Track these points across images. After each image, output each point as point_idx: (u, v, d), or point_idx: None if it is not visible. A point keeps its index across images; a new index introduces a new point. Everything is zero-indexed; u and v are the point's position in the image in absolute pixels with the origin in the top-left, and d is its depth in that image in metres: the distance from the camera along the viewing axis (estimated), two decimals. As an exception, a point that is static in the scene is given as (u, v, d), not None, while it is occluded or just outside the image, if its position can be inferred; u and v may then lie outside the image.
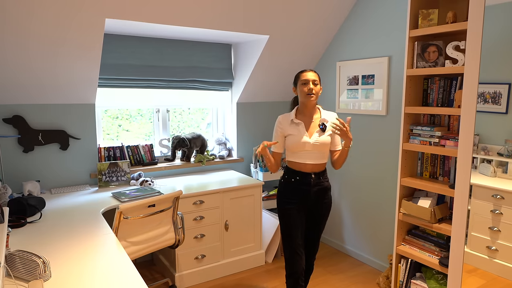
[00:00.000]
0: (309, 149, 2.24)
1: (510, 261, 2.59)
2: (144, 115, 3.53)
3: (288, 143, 2.29)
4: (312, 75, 2.26)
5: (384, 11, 3.01)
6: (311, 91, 2.22)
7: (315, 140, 2.25)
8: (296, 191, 2.29)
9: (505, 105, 2.56)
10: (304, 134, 2.25)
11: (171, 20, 2.67)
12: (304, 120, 2.30)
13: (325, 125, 2.27)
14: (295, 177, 2.28)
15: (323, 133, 2.26)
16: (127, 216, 2.21)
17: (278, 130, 2.34)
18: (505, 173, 2.62)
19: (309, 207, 2.34)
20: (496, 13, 2.49)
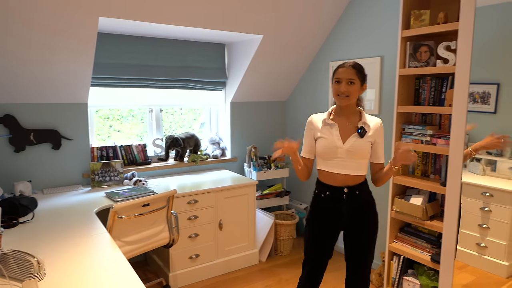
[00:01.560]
0: (342, 156, 1.88)
1: (498, 257, 2.64)
2: (136, 116, 3.52)
3: (318, 147, 1.94)
4: (348, 72, 1.86)
5: (376, 11, 3.04)
6: (342, 94, 1.86)
7: (350, 145, 1.88)
8: (327, 210, 1.94)
9: (493, 104, 2.61)
10: (337, 137, 1.90)
11: (165, 19, 2.67)
12: (339, 121, 1.93)
13: (364, 130, 1.89)
14: (325, 192, 1.94)
15: (361, 139, 1.89)
16: (122, 215, 2.20)
17: (308, 131, 2.01)
18: (494, 171, 2.67)
19: (344, 228, 1.97)
20: (485, 14, 2.53)
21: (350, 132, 1.90)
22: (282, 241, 3.43)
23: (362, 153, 1.89)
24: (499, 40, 2.52)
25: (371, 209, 1.96)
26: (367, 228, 1.95)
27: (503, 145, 2.29)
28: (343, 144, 1.89)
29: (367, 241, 1.95)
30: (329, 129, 1.93)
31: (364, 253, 1.96)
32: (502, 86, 2.56)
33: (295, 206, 3.92)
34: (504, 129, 2.55)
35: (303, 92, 3.85)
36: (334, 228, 1.97)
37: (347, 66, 1.87)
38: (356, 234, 1.95)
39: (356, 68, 1.87)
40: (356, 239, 1.96)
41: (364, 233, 1.94)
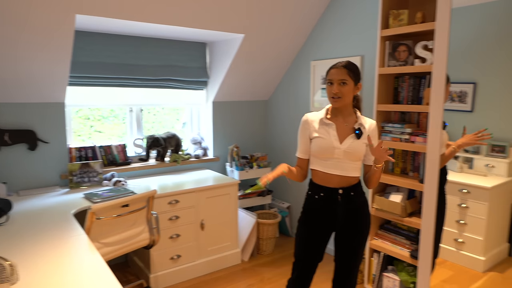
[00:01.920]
0: (339, 157, 1.85)
1: (475, 252, 2.71)
2: (117, 116, 3.46)
3: (314, 147, 1.89)
4: (340, 72, 1.81)
5: (356, 11, 3.07)
6: (335, 95, 1.82)
7: (348, 146, 1.84)
8: (321, 212, 1.92)
9: (470, 103, 2.68)
10: (335, 137, 1.86)
11: (145, 17, 2.63)
12: (336, 121, 1.90)
13: (361, 131, 1.87)
14: (319, 194, 1.91)
15: (358, 140, 1.86)
16: (100, 216, 2.16)
17: (303, 130, 1.95)
18: (471, 168, 2.75)
19: (337, 230, 1.96)
20: (461, 15, 2.60)
21: (347, 133, 1.87)
22: (264, 240, 3.43)
23: (359, 154, 1.86)
24: (475, 41, 2.59)
25: (365, 211, 1.94)
26: (360, 231, 1.93)
27: (481, 139, 2.34)
28: (340, 144, 1.85)
29: (359, 243, 1.94)
30: (326, 129, 1.88)
31: (354, 255, 1.95)
32: (478, 85, 2.64)
33: (277, 205, 3.93)
34: (480, 127, 2.62)
35: (284, 91, 3.86)
36: (327, 230, 1.94)
37: (339, 67, 1.83)
38: (349, 236, 1.93)
39: (348, 68, 1.83)
40: (349, 241, 1.93)
41: (357, 235, 1.92)
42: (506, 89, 2.52)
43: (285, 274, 3.09)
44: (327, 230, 1.94)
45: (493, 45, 2.53)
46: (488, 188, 2.59)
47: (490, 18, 2.52)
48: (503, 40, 2.47)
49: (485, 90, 2.62)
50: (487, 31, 2.55)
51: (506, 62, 2.48)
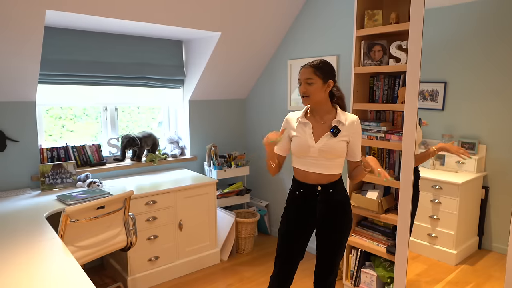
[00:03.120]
0: (314, 155, 1.88)
1: (448, 246, 2.79)
2: (90, 115, 3.36)
3: (292, 145, 1.95)
4: (305, 72, 1.86)
5: (332, 11, 3.11)
6: (303, 94, 1.87)
7: (323, 144, 1.86)
8: (301, 207, 1.95)
9: (441, 102, 2.76)
10: (310, 136, 1.89)
11: (117, 13, 2.56)
12: (313, 120, 1.94)
13: (338, 129, 1.87)
14: (299, 190, 1.95)
15: (334, 138, 1.87)
16: (74, 219, 2.09)
17: (283, 128, 1.99)
18: (443, 165, 2.83)
19: (317, 226, 1.98)
20: (433, 16, 2.67)
21: (324, 131, 1.89)
22: (243, 239, 3.43)
23: (336, 152, 1.87)
24: (447, 41, 2.67)
25: (345, 208, 1.96)
26: (339, 227, 1.95)
27: (463, 155, 2.46)
28: (315, 143, 1.88)
29: (338, 239, 1.96)
30: (303, 128, 1.92)
31: (335, 251, 1.97)
32: (449, 84, 2.71)
33: (256, 204, 3.93)
34: (451, 125, 2.71)
35: (262, 90, 3.86)
36: (307, 226, 1.96)
37: (307, 66, 1.87)
38: (328, 232, 1.95)
39: (315, 67, 1.85)
40: (327, 238, 1.96)
41: (336, 231, 1.95)
42: (474, 88, 2.61)
43: (264, 273, 3.10)
44: (307, 226, 1.97)
45: (462, 46, 2.61)
46: (458, 184, 2.67)
47: (459, 20, 2.60)
48: (472, 41, 2.56)
49: (455, 89, 2.70)
50: (456, 32, 2.63)
51: (474, 62, 2.57)
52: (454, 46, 2.66)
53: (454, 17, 2.62)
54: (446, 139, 2.79)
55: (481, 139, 2.65)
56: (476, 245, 2.88)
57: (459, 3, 2.56)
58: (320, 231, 1.97)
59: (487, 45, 2.46)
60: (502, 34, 1.83)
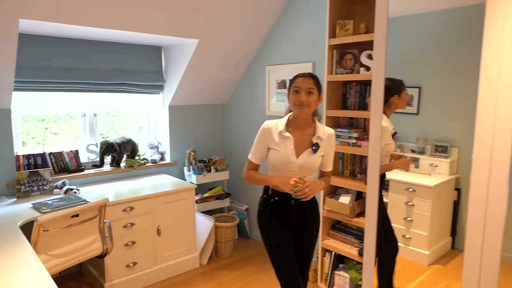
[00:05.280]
0: (294, 170, 1.90)
1: (421, 247, 2.88)
2: (74, 117, 3.35)
3: (271, 157, 1.94)
4: (307, 81, 1.85)
5: (307, 19, 3.17)
6: (302, 103, 1.85)
7: (303, 161, 1.90)
8: (276, 212, 1.98)
9: (416, 106, 2.84)
10: (291, 152, 1.90)
11: (94, 22, 2.58)
12: (294, 134, 1.93)
13: (318, 145, 1.92)
14: (274, 198, 1.97)
15: (314, 154, 1.92)
16: (48, 228, 2.10)
17: (262, 138, 1.96)
18: (417, 168, 2.92)
19: (293, 230, 2.02)
20: (408, 23, 2.75)
21: (304, 147, 1.92)
22: (223, 243, 3.47)
23: (314, 167, 1.94)
24: (421, 47, 2.76)
25: (315, 213, 2.05)
26: (312, 232, 2.03)
27: None
28: (296, 159, 1.90)
29: (311, 244, 2.05)
30: (284, 142, 1.91)
31: (307, 255, 2.06)
32: (423, 89, 2.80)
33: (236, 208, 3.97)
34: (425, 129, 2.79)
35: (242, 95, 3.91)
36: (286, 225, 1.99)
37: (306, 76, 1.87)
38: (303, 237, 2.03)
39: (314, 78, 1.89)
40: (302, 242, 2.03)
41: (310, 237, 2.04)
42: (447, 93, 2.70)
43: (243, 276, 3.15)
44: (286, 224, 1.99)
45: (435, 52, 2.70)
46: (431, 187, 2.76)
47: (431, 27, 2.69)
48: (444, 47, 2.64)
49: (429, 94, 2.79)
50: (430, 38, 2.71)
51: (446, 67, 2.65)
52: (427, 52, 2.74)
53: (429, 24, 2.70)
54: (420, 142, 2.88)
55: (453, 142, 2.74)
56: (449, 245, 2.97)
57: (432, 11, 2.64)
58: (295, 236, 2.03)
59: (456, 51, 2.54)
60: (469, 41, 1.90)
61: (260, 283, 3.05)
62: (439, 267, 2.90)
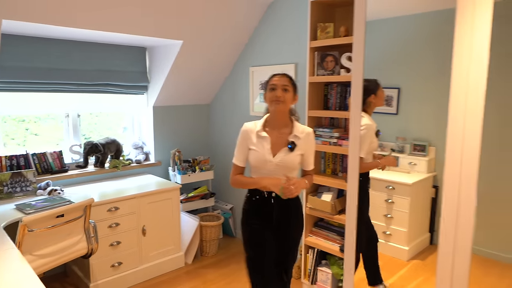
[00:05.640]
0: (271, 169, 1.95)
1: (400, 243, 2.98)
2: (56, 118, 3.34)
3: (250, 158, 2.00)
4: (283, 79, 1.95)
5: (289, 22, 3.24)
6: (278, 98, 1.92)
7: (280, 160, 1.95)
8: (258, 211, 2.04)
9: (395, 106, 2.94)
10: (268, 151, 1.95)
11: (78, 23, 2.59)
12: (271, 134, 1.99)
13: (294, 144, 1.96)
14: (255, 196, 2.03)
15: (291, 153, 1.96)
16: (32, 228, 2.11)
17: (242, 141, 2.03)
18: (397, 166, 3.02)
19: (274, 230, 2.05)
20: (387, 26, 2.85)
21: (281, 146, 1.96)
22: (208, 242, 3.51)
23: (292, 166, 1.96)
24: (399, 49, 2.85)
25: (297, 214, 2.08)
26: (293, 232, 2.07)
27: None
28: (273, 158, 1.95)
29: (293, 244, 2.08)
30: (261, 142, 1.97)
31: (288, 254, 2.09)
32: (402, 90, 2.90)
33: (220, 207, 4.01)
34: (404, 128, 2.89)
35: (226, 95, 3.96)
36: (265, 229, 2.03)
37: (281, 75, 1.97)
38: (284, 237, 2.06)
39: (289, 77, 1.98)
40: (283, 242, 2.06)
41: (291, 236, 2.06)
42: (424, 93, 2.81)
43: (228, 274, 3.19)
44: (266, 229, 2.03)
45: (414, 53, 2.80)
46: (409, 184, 2.86)
47: (410, 29, 2.79)
48: (422, 49, 2.75)
49: (407, 95, 2.89)
50: (408, 40, 2.81)
51: (424, 69, 2.76)
52: (406, 54, 2.84)
53: (407, 27, 2.80)
54: (400, 141, 2.98)
55: (431, 141, 2.85)
56: (428, 241, 3.07)
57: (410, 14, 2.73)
58: (276, 236, 2.06)
59: (433, 53, 2.64)
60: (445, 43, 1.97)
61: (244, 281, 3.10)
62: (418, 262, 3.01)
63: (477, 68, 1.79)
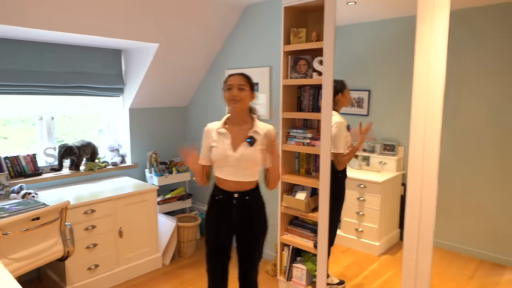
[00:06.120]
0: (233, 164, 1.99)
1: (372, 239, 3.11)
2: (26, 121, 3.29)
3: (213, 155, 2.05)
4: (238, 78, 2.01)
5: (264, 27, 3.32)
6: (234, 97, 1.98)
7: (240, 154, 1.98)
8: (220, 211, 2.08)
9: (366, 108, 3.07)
10: (228, 146, 2.01)
11: (53, 25, 2.58)
12: (231, 130, 2.05)
13: (254, 138, 2.00)
14: (218, 195, 2.08)
15: (251, 147, 1.99)
16: (7, 232, 2.10)
17: (205, 140, 2.13)
18: (368, 166, 3.15)
19: (236, 231, 2.10)
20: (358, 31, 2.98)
21: (241, 141, 2.01)
22: (185, 243, 3.54)
23: (253, 161, 1.99)
24: (369, 53, 2.99)
25: (260, 214, 2.11)
26: (256, 232, 2.09)
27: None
28: (233, 152, 1.99)
29: (255, 244, 2.11)
30: (222, 138, 2.03)
31: (252, 255, 2.12)
32: (372, 92, 3.03)
33: (197, 208, 4.05)
34: (375, 129, 3.02)
35: (202, 97, 4.00)
36: (227, 230, 2.09)
37: (237, 74, 2.04)
38: (246, 237, 2.10)
39: (245, 76, 2.05)
40: (246, 243, 2.11)
41: (253, 237, 2.09)
42: (393, 95, 2.95)
43: (205, 274, 3.22)
44: (227, 229, 2.09)
45: (382, 57, 2.94)
46: (379, 182, 3.00)
47: (379, 34, 2.93)
48: (389, 53, 2.89)
49: (377, 97, 3.03)
50: (377, 45, 2.95)
51: (393, 72, 2.90)
52: (375, 58, 2.98)
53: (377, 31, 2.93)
54: (370, 141, 3.11)
55: (399, 141, 2.99)
56: (397, 236, 3.22)
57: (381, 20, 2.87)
58: (239, 236, 2.11)
59: (400, 57, 2.78)
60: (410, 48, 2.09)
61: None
62: (388, 257, 3.15)
63: (436, 71, 1.93)
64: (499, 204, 2.57)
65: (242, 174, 2.01)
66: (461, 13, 2.41)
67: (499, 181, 2.56)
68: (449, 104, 1.93)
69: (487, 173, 2.61)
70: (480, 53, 2.50)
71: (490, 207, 2.61)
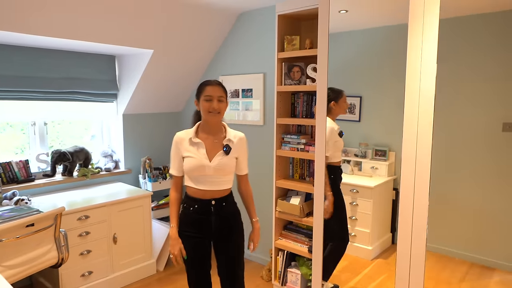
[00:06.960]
0: (210, 174, 1.95)
1: (364, 243, 3.14)
2: (14, 126, 3.26)
3: (186, 165, 1.97)
4: (217, 90, 1.95)
5: (258, 34, 3.37)
6: (215, 110, 1.94)
7: (217, 163, 1.96)
8: (196, 222, 2.01)
9: (358, 114, 3.12)
10: (204, 156, 1.96)
11: (47, 31, 2.58)
12: (205, 139, 2.00)
13: (229, 147, 2.00)
14: (193, 206, 2.00)
15: (227, 156, 1.99)
16: (1, 238, 2.08)
17: (175, 150, 2.03)
18: (360, 170, 3.19)
19: (214, 240, 2.06)
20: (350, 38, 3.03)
21: (216, 150, 1.98)
22: (179, 249, 3.53)
23: (229, 169, 1.99)
24: (361, 60, 3.04)
25: (236, 219, 2.10)
26: (234, 238, 2.07)
27: None
28: (210, 162, 1.95)
29: (236, 250, 2.08)
30: (196, 148, 1.97)
31: (234, 261, 2.08)
32: (363, 99, 3.08)
33: (192, 214, 4.04)
34: (366, 135, 3.07)
35: (196, 103, 4.01)
36: (205, 239, 2.04)
37: (215, 84, 1.97)
38: (225, 244, 2.06)
39: (222, 87, 2.01)
40: (226, 250, 2.07)
41: (233, 243, 2.06)
42: (384, 102, 3.00)
43: (199, 280, 3.23)
44: (205, 239, 2.04)
45: (374, 64, 2.99)
46: (371, 187, 3.04)
47: (371, 42, 2.98)
48: (381, 60, 2.94)
49: (368, 103, 3.08)
50: (369, 52, 3.00)
51: (384, 78, 2.95)
52: (367, 64, 3.03)
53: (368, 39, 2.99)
54: (362, 147, 3.15)
55: (391, 146, 3.04)
56: (389, 240, 3.25)
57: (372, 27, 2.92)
58: (217, 243, 2.07)
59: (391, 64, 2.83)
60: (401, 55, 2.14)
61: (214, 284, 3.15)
62: (381, 261, 3.18)
63: (427, 77, 1.98)
64: (490, 208, 2.62)
65: (218, 183, 2.00)
66: (459, 21, 2.47)
67: (489, 186, 2.62)
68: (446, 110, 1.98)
69: (478, 179, 2.66)
70: (477, 59, 2.57)
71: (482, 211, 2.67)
